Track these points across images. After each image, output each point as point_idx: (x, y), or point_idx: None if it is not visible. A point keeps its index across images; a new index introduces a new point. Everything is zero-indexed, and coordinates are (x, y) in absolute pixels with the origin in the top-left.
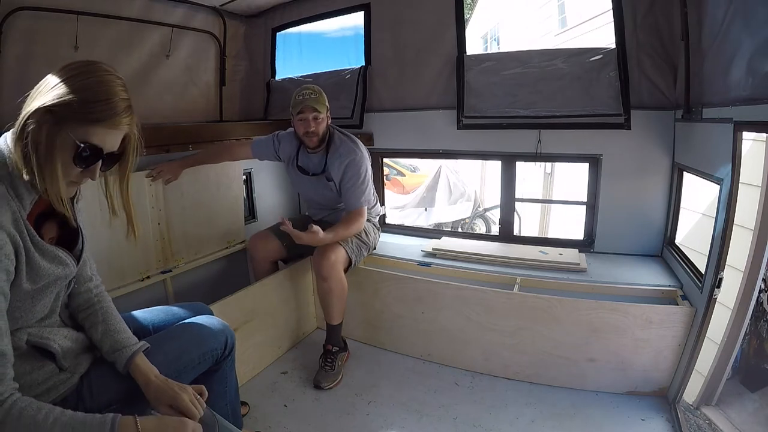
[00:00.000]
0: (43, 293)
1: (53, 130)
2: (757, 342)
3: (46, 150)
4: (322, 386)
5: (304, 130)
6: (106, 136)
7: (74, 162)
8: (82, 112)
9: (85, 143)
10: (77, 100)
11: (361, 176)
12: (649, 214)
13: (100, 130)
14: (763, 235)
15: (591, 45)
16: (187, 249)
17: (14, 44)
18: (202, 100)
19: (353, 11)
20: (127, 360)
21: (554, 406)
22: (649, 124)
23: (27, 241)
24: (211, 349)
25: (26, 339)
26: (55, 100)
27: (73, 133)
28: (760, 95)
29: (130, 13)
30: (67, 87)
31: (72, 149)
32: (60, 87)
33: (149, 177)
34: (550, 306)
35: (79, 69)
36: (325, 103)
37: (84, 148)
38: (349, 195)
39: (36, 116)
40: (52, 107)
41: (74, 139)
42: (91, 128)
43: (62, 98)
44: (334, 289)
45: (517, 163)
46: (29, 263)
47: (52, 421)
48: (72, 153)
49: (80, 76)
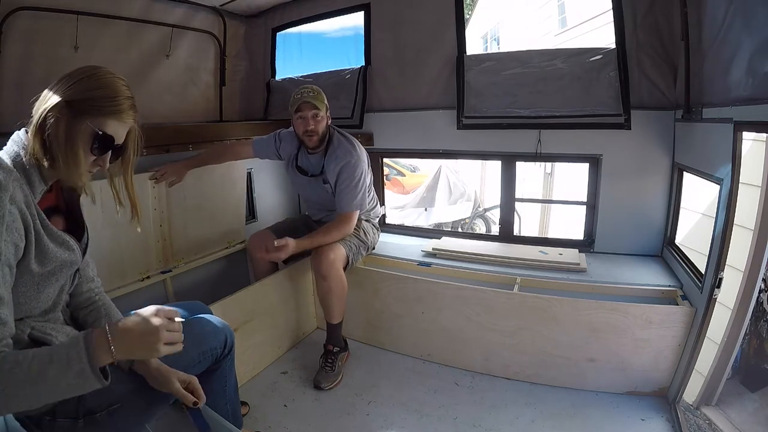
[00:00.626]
0: (49, 280)
1: (73, 121)
2: (757, 342)
3: (67, 137)
4: (322, 387)
5: (304, 128)
6: (118, 128)
7: (91, 150)
8: (97, 106)
9: (102, 131)
10: (93, 96)
11: (354, 179)
12: (649, 214)
13: (112, 122)
14: (763, 235)
15: (591, 45)
16: (188, 249)
17: (14, 44)
18: (202, 100)
19: (353, 11)
20: None
21: (554, 406)
22: (649, 124)
23: (37, 222)
24: (211, 348)
25: (29, 332)
26: (74, 96)
27: (92, 123)
28: (760, 95)
29: (130, 13)
30: (82, 86)
31: (90, 138)
32: (75, 86)
33: (153, 179)
34: (550, 306)
35: (89, 72)
36: (325, 102)
37: (101, 136)
38: (340, 198)
39: (56, 110)
40: (72, 101)
41: (93, 127)
42: (104, 120)
43: (79, 95)
44: (333, 287)
45: (517, 163)
46: (38, 245)
47: (31, 355)
48: (89, 141)
49: (91, 78)
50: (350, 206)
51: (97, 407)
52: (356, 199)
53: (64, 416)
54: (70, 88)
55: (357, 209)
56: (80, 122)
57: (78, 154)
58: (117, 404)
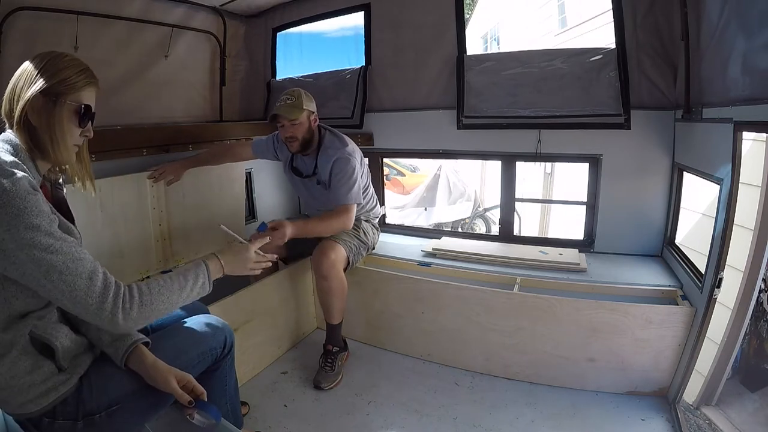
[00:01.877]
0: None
1: (54, 106)
2: (757, 342)
3: (54, 122)
4: (322, 386)
5: (284, 135)
6: (92, 95)
7: (78, 124)
8: (71, 83)
9: (84, 105)
10: (63, 77)
11: (347, 173)
12: (649, 214)
13: (87, 92)
14: (763, 235)
15: (591, 45)
16: (187, 249)
17: (14, 44)
18: (202, 100)
19: (353, 11)
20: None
21: (554, 406)
22: (649, 124)
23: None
24: (210, 348)
25: (30, 330)
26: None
27: (72, 100)
28: (760, 95)
29: (130, 13)
30: (49, 72)
31: (74, 114)
32: (43, 74)
33: (151, 178)
34: (550, 306)
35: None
36: (304, 107)
37: (85, 107)
38: (335, 192)
39: (34, 101)
40: (46, 90)
41: (75, 104)
42: (81, 93)
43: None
44: (333, 288)
45: (517, 163)
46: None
47: (169, 278)
48: (75, 117)
49: (52, 61)
50: (345, 198)
51: (97, 409)
52: (351, 191)
53: (64, 417)
54: (39, 77)
55: (353, 202)
56: (61, 104)
57: (66, 134)
58: (116, 405)
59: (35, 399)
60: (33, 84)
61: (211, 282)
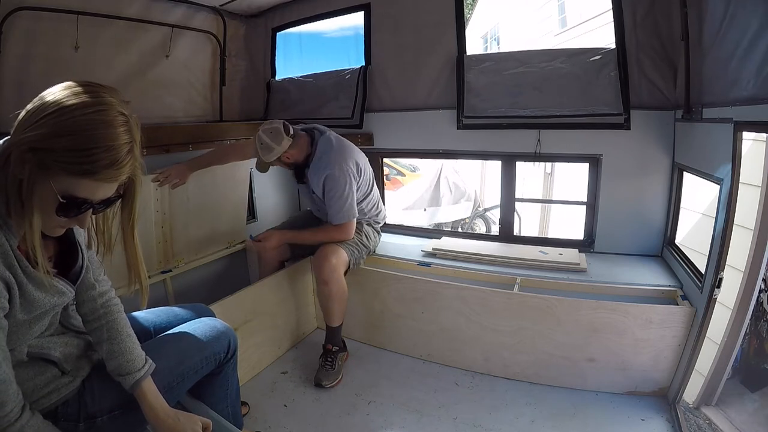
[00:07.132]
0: (40, 319)
1: (34, 172)
2: (757, 342)
3: (25, 193)
4: (323, 384)
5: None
6: (98, 189)
7: (57, 213)
8: (68, 161)
9: (68, 197)
10: (65, 146)
11: (338, 191)
12: (649, 214)
13: (90, 183)
14: (763, 235)
15: (591, 45)
16: (188, 250)
17: (14, 44)
18: (202, 100)
19: (353, 11)
20: (132, 386)
21: (554, 406)
22: (649, 124)
23: (19, 274)
24: (214, 352)
25: (26, 351)
26: (36, 143)
27: (57, 183)
28: (760, 95)
29: (130, 12)
30: (46, 129)
31: (53, 201)
32: (39, 127)
33: (155, 181)
34: (550, 306)
35: (59, 105)
36: (280, 144)
37: (66, 203)
38: (329, 208)
39: (20, 148)
40: (35, 147)
41: (56, 192)
42: (77, 181)
43: (42, 143)
44: (334, 292)
45: (517, 163)
46: (23, 296)
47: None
48: (54, 204)
49: (77, 110)
50: (337, 218)
51: (99, 412)
52: (343, 209)
53: (65, 418)
54: (34, 127)
55: (347, 219)
56: (42, 178)
57: (32, 218)
58: (118, 410)
59: (38, 400)
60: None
61: None
